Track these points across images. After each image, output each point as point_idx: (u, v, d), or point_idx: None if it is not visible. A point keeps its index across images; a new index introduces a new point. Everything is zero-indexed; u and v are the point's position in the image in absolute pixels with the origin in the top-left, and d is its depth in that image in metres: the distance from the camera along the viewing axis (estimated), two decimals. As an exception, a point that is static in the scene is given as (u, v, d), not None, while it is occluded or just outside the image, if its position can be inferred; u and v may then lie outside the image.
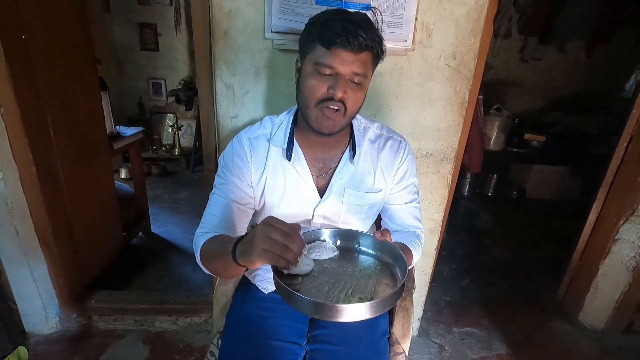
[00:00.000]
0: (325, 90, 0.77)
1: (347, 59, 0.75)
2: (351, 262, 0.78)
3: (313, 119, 0.81)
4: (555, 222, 3.01)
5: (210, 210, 0.90)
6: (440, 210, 1.44)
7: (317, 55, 0.76)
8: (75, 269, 1.67)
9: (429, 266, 1.56)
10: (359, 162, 0.91)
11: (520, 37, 3.36)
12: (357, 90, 0.79)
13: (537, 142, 3.15)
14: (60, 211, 1.56)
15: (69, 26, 1.60)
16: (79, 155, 1.67)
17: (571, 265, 1.98)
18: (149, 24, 3.61)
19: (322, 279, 0.72)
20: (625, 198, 1.68)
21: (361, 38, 0.73)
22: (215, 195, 0.90)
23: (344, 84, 0.76)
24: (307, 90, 0.79)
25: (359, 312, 0.58)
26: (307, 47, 0.79)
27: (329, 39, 0.73)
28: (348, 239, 0.82)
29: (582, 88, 3.60)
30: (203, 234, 0.86)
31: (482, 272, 2.28)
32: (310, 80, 0.78)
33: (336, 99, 0.77)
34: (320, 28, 0.75)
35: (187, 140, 3.96)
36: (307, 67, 0.79)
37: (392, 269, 0.75)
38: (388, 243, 0.77)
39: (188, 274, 2.06)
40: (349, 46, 0.73)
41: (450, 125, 1.30)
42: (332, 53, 0.74)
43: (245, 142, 0.90)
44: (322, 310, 0.59)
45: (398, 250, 0.74)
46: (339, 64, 0.75)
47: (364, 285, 0.70)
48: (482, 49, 1.21)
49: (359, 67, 0.76)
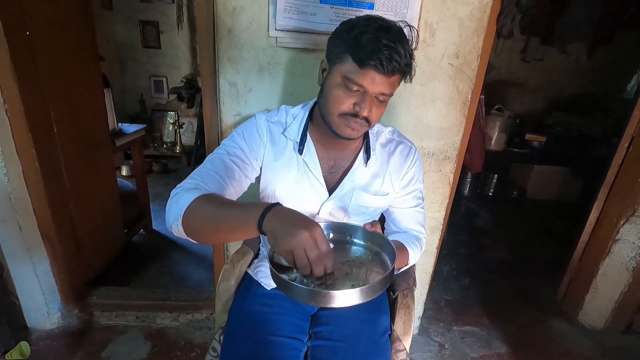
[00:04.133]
0: (350, 106, 0.77)
1: (378, 80, 0.74)
2: (344, 252, 0.80)
3: (335, 126, 0.82)
4: (556, 222, 3.01)
5: (206, 166, 0.84)
6: (441, 209, 1.45)
7: (347, 69, 0.74)
8: (77, 265, 1.67)
9: (430, 265, 1.56)
10: (370, 165, 0.92)
11: (523, 38, 3.36)
12: (381, 106, 0.80)
13: (538, 142, 3.16)
14: (63, 207, 1.57)
15: (72, 23, 1.60)
16: (82, 152, 1.68)
17: (571, 265, 1.98)
18: (151, 22, 3.61)
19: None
20: (626, 199, 1.69)
21: (395, 63, 0.71)
22: (216, 155, 0.87)
23: (370, 103, 0.76)
24: (332, 99, 0.79)
25: (351, 297, 0.62)
26: (337, 54, 0.77)
27: (363, 58, 0.71)
28: (340, 231, 0.84)
29: (584, 89, 3.61)
30: (193, 190, 0.75)
31: (482, 271, 2.28)
32: (337, 91, 0.78)
33: (361, 117, 0.77)
34: (355, 41, 0.72)
35: (189, 138, 3.97)
36: (336, 76, 0.77)
37: (382, 257, 0.78)
38: (378, 233, 0.78)
39: (189, 271, 2.07)
40: (382, 69, 0.72)
41: (453, 124, 1.31)
42: (363, 72, 0.73)
43: (263, 122, 0.91)
44: (317, 297, 0.62)
45: (387, 239, 0.76)
46: (369, 84, 0.74)
47: (356, 274, 0.73)
48: (485, 48, 1.22)
49: (387, 88, 0.76)
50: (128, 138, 2.10)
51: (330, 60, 0.80)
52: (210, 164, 0.84)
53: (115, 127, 2.03)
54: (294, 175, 0.91)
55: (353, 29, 0.74)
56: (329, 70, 0.80)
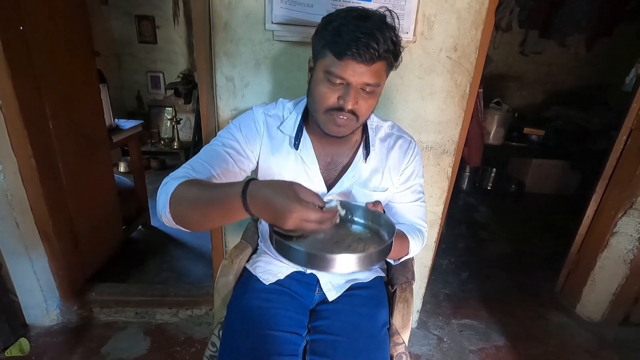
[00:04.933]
0: (335, 100, 0.77)
1: (359, 70, 0.72)
2: (342, 228, 0.79)
3: (322, 123, 0.81)
4: (554, 216, 3.02)
5: (199, 156, 0.83)
6: (440, 203, 1.44)
7: (327, 64, 0.74)
8: (75, 262, 1.67)
9: (429, 259, 1.57)
10: (369, 161, 0.91)
11: (521, 31, 3.34)
12: (369, 98, 0.78)
13: (537, 136, 3.16)
14: (60, 204, 1.56)
15: (68, 18, 1.58)
16: (78, 148, 1.67)
17: (569, 258, 1.99)
18: (147, 17, 3.58)
19: (314, 239, 0.73)
20: (624, 192, 1.69)
21: (373, 50, 0.70)
22: (211, 146, 0.86)
23: (354, 95, 0.75)
24: (317, 96, 0.79)
25: (348, 263, 0.62)
26: (318, 50, 0.77)
27: (340, 50, 0.71)
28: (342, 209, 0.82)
29: (582, 82, 3.60)
30: (178, 178, 0.74)
31: (481, 265, 2.29)
32: (321, 87, 0.77)
33: (346, 109, 0.76)
34: (333, 35, 0.72)
35: (186, 133, 3.95)
36: (318, 72, 0.77)
37: (381, 235, 0.77)
38: (379, 213, 0.77)
39: (188, 267, 2.07)
40: (360, 58, 0.71)
41: (451, 118, 1.30)
42: (343, 64, 0.72)
43: (260, 115, 0.91)
44: (315, 260, 0.62)
45: (388, 217, 0.75)
46: (350, 75, 0.73)
47: (354, 247, 0.73)
48: (483, 41, 1.21)
49: (370, 77, 0.74)
50: (125, 134, 2.09)
51: (314, 57, 0.80)
52: (203, 154, 0.83)
53: (112, 123, 2.02)
54: (291, 170, 0.90)
55: (331, 22, 0.74)
56: (314, 66, 0.80)
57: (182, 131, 3.91)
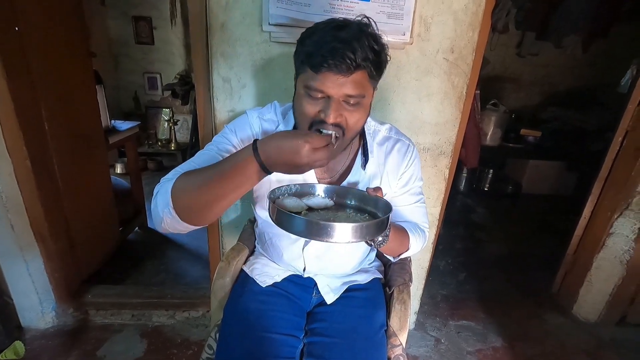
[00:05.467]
0: (316, 113, 0.74)
1: (337, 81, 0.70)
2: (343, 212, 0.79)
3: None
4: (551, 216, 3.03)
5: (197, 158, 0.81)
6: (437, 205, 1.45)
7: (306, 78, 0.73)
8: (71, 263, 1.66)
9: (426, 260, 1.57)
10: (367, 166, 0.90)
11: (518, 32, 3.36)
12: (355, 111, 0.75)
13: (534, 137, 3.17)
14: (56, 205, 1.55)
15: (64, 18, 1.58)
16: (74, 150, 1.66)
17: (566, 259, 1.99)
18: (144, 17, 3.57)
19: (313, 216, 0.74)
20: (620, 192, 1.70)
21: (349, 60, 0.67)
22: (206, 150, 0.84)
23: (336, 108, 0.72)
24: (298, 112, 0.77)
25: (345, 232, 0.63)
26: (298, 67, 0.77)
27: (316, 63, 0.69)
28: (342, 195, 0.83)
29: (579, 83, 3.62)
30: (172, 178, 0.73)
31: (478, 266, 2.29)
32: (302, 102, 0.75)
33: (329, 123, 0.73)
34: (308, 51, 0.71)
35: (183, 135, 3.94)
36: (299, 88, 0.76)
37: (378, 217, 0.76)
38: (378, 197, 0.76)
39: (185, 269, 2.06)
40: (337, 69, 0.68)
41: (448, 119, 1.30)
42: (320, 76, 0.70)
43: (255, 119, 0.90)
44: (313, 228, 0.63)
45: (386, 201, 0.75)
46: (329, 88, 0.71)
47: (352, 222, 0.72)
48: (480, 42, 1.21)
49: (351, 88, 0.71)
50: (121, 135, 2.08)
51: (296, 73, 0.79)
52: (197, 158, 0.81)
53: (108, 125, 2.01)
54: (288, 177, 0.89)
55: (309, 36, 0.73)
56: (296, 81, 0.79)
57: (180, 132, 3.90)
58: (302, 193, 0.80)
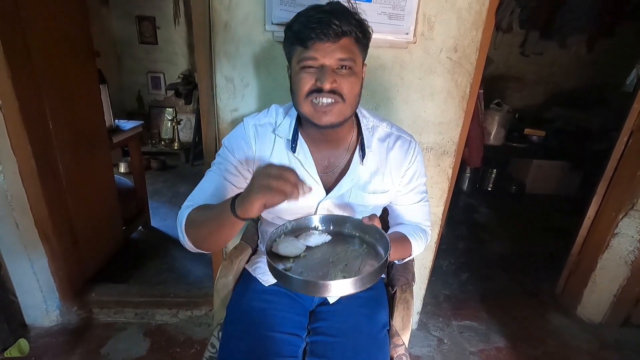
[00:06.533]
0: (313, 83, 0.77)
1: (327, 49, 0.74)
2: (340, 244, 0.82)
3: (308, 114, 0.80)
4: (555, 216, 3.02)
5: (202, 185, 0.88)
6: (440, 204, 1.44)
7: (298, 56, 0.77)
8: (75, 262, 1.67)
9: (429, 260, 1.56)
10: (367, 162, 0.90)
11: (522, 32, 3.33)
12: (348, 76, 0.78)
13: (537, 137, 3.15)
14: (60, 204, 1.56)
15: (67, 18, 1.58)
16: (78, 149, 1.67)
17: (570, 259, 1.98)
18: (148, 17, 3.59)
19: (312, 260, 0.77)
20: (625, 193, 1.68)
21: (334, 26, 0.73)
22: (211, 173, 0.89)
23: (331, 74, 0.76)
24: (295, 87, 0.80)
25: (342, 287, 0.64)
26: (289, 51, 0.81)
27: (305, 37, 0.74)
28: (339, 224, 0.86)
29: (583, 83, 3.59)
30: (189, 207, 0.83)
31: (481, 266, 2.29)
32: (298, 76, 0.78)
33: (325, 89, 0.76)
34: (296, 31, 0.76)
35: (187, 134, 3.95)
36: (294, 67, 0.80)
37: (377, 250, 0.79)
38: (375, 227, 0.79)
39: (188, 268, 2.07)
40: (325, 37, 0.73)
41: (451, 118, 1.30)
42: (311, 48, 0.75)
43: (251, 128, 0.90)
44: (311, 287, 0.65)
45: (382, 232, 0.77)
46: (321, 56, 0.75)
47: (350, 265, 0.75)
48: (483, 41, 1.21)
49: (341, 52, 0.75)
50: (125, 135, 2.09)
51: (289, 60, 0.83)
52: (206, 183, 0.88)
53: (112, 124, 2.02)
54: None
55: (294, 22, 0.78)
56: (289, 67, 0.83)
57: (183, 132, 3.91)
58: (298, 228, 0.84)
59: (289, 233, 0.83)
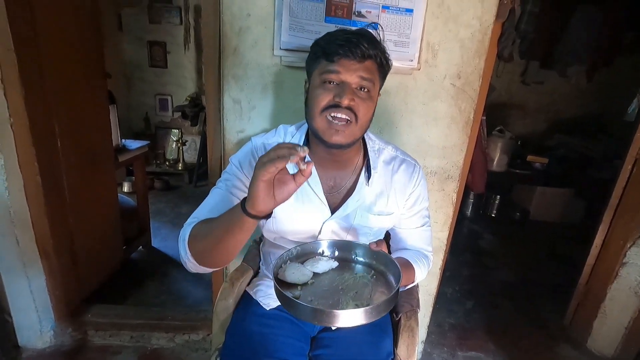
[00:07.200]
0: (331, 98, 0.77)
1: (352, 67, 0.76)
2: (348, 271, 0.80)
3: (321, 129, 0.80)
4: (560, 244, 2.97)
5: (207, 201, 0.86)
6: (444, 229, 1.43)
7: (322, 69, 0.79)
8: (73, 281, 1.64)
9: (433, 287, 1.53)
10: (373, 184, 0.90)
11: (522, 62, 3.41)
12: (365, 100, 0.79)
13: (540, 164, 3.16)
14: (62, 222, 1.55)
15: (83, 43, 1.64)
16: (84, 166, 1.68)
17: (578, 289, 1.93)
18: (159, 42, 3.70)
19: (320, 287, 0.75)
20: (632, 221, 1.66)
21: (363, 47, 0.75)
22: (217, 189, 0.88)
23: (351, 92, 0.77)
24: (312, 100, 0.80)
25: (354, 317, 0.62)
26: (312, 65, 0.82)
27: (332, 52, 0.76)
28: (345, 249, 0.84)
29: (584, 111, 3.64)
30: (192, 223, 0.80)
31: (487, 294, 2.23)
32: (317, 90, 0.79)
33: (343, 105, 0.76)
34: (324, 45, 0.78)
35: (191, 155, 3.98)
36: (314, 80, 0.81)
37: (387, 277, 0.78)
38: (383, 253, 0.78)
39: (187, 290, 2.03)
40: (352, 55, 0.75)
41: (455, 143, 1.31)
42: (336, 63, 0.77)
43: (260, 146, 0.91)
44: (320, 316, 0.62)
45: (392, 258, 0.76)
46: (344, 72, 0.77)
47: (360, 293, 0.73)
48: (486, 69, 1.23)
49: (364, 72, 0.77)
50: (131, 154, 2.11)
51: (309, 74, 0.84)
52: (211, 199, 0.85)
53: (118, 143, 2.05)
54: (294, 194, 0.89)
55: (322, 39, 0.81)
56: (309, 82, 0.84)
57: (187, 152, 3.95)
58: (304, 254, 0.82)
59: (295, 259, 0.82)
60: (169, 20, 3.63)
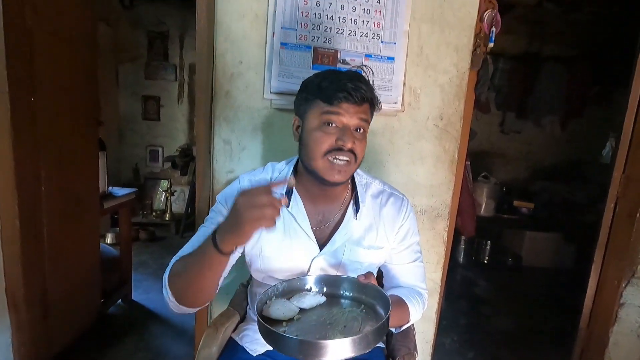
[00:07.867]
0: (333, 142, 0.78)
1: (351, 109, 0.78)
2: (337, 306, 0.77)
3: (321, 170, 0.81)
4: (554, 290, 2.92)
5: (192, 240, 0.84)
6: (438, 270, 1.39)
7: (320, 111, 0.79)
8: (43, 336, 1.51)
9: (430, 333, 1.45)
10: (361, 217, 0.90)
11: (499, 112, 3.63)
12: (362, 140, 0.82)
13: (527, 209, 3.22)
14: (37, 269, 1.46)
15: (78, 90, 1.69)
16: (67, 212, 1.63)
17: (580, 334, 1.85)
18: (153, 97, 3.85)
19: (307, 322, 0.72)
20: (623, 260, 1.66)
21: (362, 91, 0.78)
22: (203, 228, 0.87)
23: (351, 134, 0.79)
24: (312, 143, 0.80)
25: (342, 348, 0.59)
26: (306, 105, 0.82)
27: (331, 95, 0.77)
28: (333, 284, 0.82)
29: (561, 159, 3.81)
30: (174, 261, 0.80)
31: (486, 343, 2.12)
32: (317, 133, 0.80)
33: (346, 149, 0.78)
34: (319, 87, 0.79)
35: (179, 205, 3.94)
36: (312, 122, 0.81)
37: (377, 310, 0.75)
38: (372, 285, 0.76)
39: (167, 346, 1.88)
40: (352, 99, 0.77)
41: (442, 181, 1.33)
42: (337, 107, 0.78)
43: (246, 183, 0.91)
44: (308, 348, 0.59)
45: (381, 290, 0.74)
46: (345, 115, 0.78)
47: (349, 327, 0.70)
48: (466, 111, 1.30)
49: (363, 114, 0.80)
50: (117, 201, 2.07)
51: (301, 114, 0.85)
52: (197, 238, 0.84)
53: (105, 190, 2.02)
54: (280, 230, 0.88)
55: (312, 81, 0.82)
56: (302, 122, 0.84)
57: (175, 203, 3.90)
58: (290, 290, 0.81)
59: (280, 295, 0.79)
60: (164, 77, 3.82)
